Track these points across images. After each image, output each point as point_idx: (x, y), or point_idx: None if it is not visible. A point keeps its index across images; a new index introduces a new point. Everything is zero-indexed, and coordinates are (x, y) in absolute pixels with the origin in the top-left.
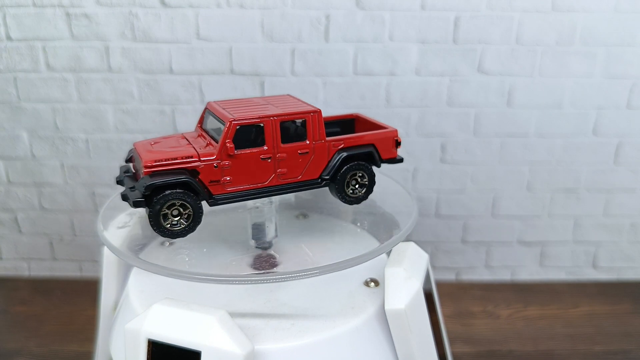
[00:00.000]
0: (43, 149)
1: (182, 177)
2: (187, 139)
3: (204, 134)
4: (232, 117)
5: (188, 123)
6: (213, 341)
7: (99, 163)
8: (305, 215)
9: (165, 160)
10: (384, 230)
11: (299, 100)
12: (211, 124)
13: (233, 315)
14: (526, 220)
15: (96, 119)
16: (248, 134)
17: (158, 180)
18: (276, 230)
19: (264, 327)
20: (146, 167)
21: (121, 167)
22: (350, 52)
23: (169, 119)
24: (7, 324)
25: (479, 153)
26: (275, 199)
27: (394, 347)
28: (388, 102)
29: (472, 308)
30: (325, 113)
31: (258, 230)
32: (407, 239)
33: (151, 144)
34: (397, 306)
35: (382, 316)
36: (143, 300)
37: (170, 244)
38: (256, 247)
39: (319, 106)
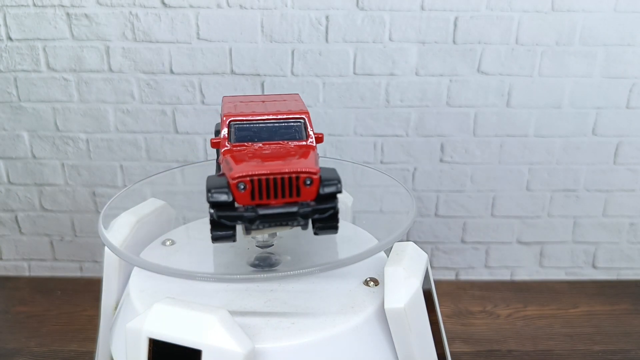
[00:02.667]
0: (43, 149)
1: None
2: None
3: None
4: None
5: (188, 123)
6: (214, 340)
7: (100, 163)
8: None
9: None
10: (384, 229)
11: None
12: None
13: (233, 314)
14: (525, 220)
15: (97, 119)
16: None
17: None
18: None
19: (264, 326)
20: None
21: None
22: (350, 53)
23: (169, 119)
24: (8, 324)
25: (478, 153)
26: None
27: (394, 346)
28: (388, 102)
29: (472, 308)
30: (325, 113)
31: None
32: (407, 239)
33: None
34: (396, 305)
35: (382, 315)
36: (144, 299)
37: (171, 243)
38: (256, 247)
39: (319, 106)
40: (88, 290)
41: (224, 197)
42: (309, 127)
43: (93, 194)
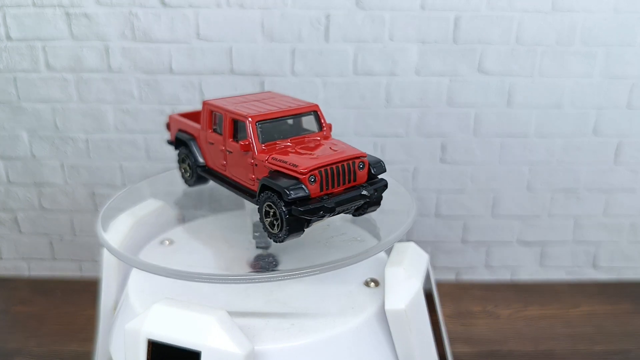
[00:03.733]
0: (43, 149)
1: None
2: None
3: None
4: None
5: None
6: (213, 341)
7: (99, 163)
8: None
9: None
10: (384, 229)
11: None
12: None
13: (233, 315)
14: (526, 220)
15: (96, 119)
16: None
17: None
18: None
19: (264, 327)
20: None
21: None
22: (350, 52)
23: None
24: (7, 324)
25: (478, 153)
26: None
27: (394, 347)
28: (388, 102)
29: (472, 308)
30: (325, 112)
31: (257, 230)
32: (407, 239)
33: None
34: (397, 306)
35: (382, 316)
36: (143, 300)
37: (170, 243)
38: (256, 247)
39: (319, 106)
40: (87, 290)
41: (302, 193)
42: (321, 119)
43: (92, 193)
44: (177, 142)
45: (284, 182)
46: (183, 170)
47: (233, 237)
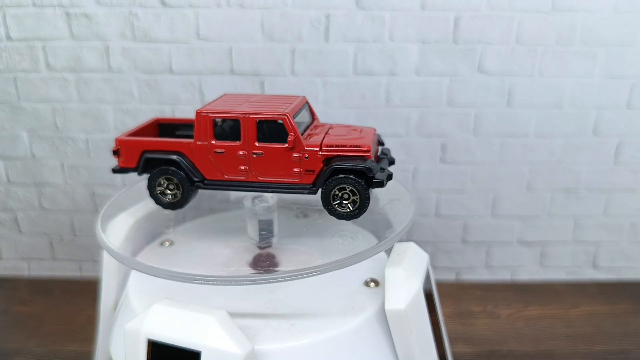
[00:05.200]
0: (43, 149)
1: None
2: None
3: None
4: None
5: None
6: (213, 341)
7: (99, 163)
8: (305, 215)
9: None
10: (384, 229)
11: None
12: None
13: (233, 315)
14: (526, 220)
15: (96, 119)
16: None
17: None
18: (275, 229)
19: (264, 327)
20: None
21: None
22: (350, 52)
23: None
24: (7, 324)
25: (479, 153)
26: (275, 198)
27: (394, 347)
28: (388, 102)
29: (472, 308)
30: (325, 112)
31: (257, 230)
32: (407, 239)
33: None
34: (397, 306)
35: (382, 316)
36: (143, 300)
37: (170, 243)
38: (256, 247)
39: (319, 106)
40: (87, 290)
41: (377, 168)
42: (311, 109)
43: (92, 193)
44: (146, 165)
45: (368, 162)
46: (163, 195)
47: (233, 237)
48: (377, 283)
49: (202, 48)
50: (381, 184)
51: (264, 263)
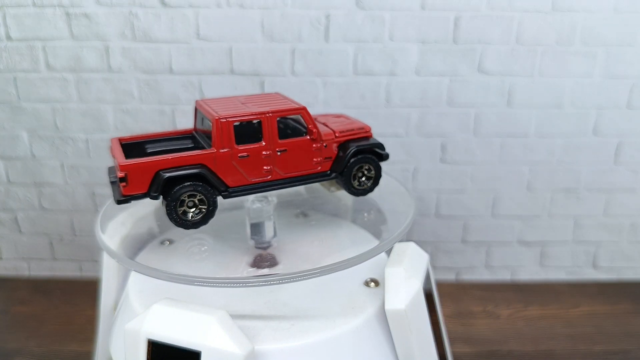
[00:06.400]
0: (43, 149)
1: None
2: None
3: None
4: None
5: (188, 123)
6: (213, 341)
7: (99, 163)
8: (305, 215)
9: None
10: (384, 229)
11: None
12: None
13: (233, 315)
14: (526, 220)
15: (96, 119)
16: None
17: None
18: (275, 229)
19: (264, 328)
20: None
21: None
22: (350, 52)
23: (169, 119)
24: (7, 324)
25: (479, 153)
26: (274, 197)
27: (394, 347)
28: (388, 102)
29: (472, 308)
30: (326, 112)
31: (256, 230)
32: (407, 239)
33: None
34: (397, 306)
35: (382, 316)
36: (143, 300)
37: (170, 243)
38: (256, 247)
39: (319, 106)
40: (87, 290)
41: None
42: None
43: (92, 193)
44: (168, 186)
45: (372, 141)
46: (185, 215)
47: (233, 237)
48: (377, 283)
49: (202, 48)
50: (387, 157)
51: (264, 263)
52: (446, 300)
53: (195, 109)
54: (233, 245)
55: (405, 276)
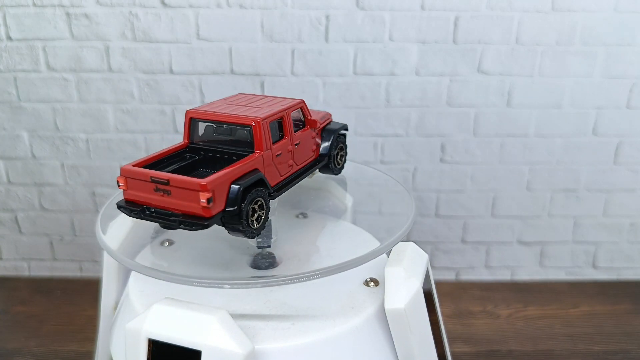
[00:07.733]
0: (43, 149)
1: None
2: None
3: None
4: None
5: None
6: (213, 340)
7: (99, 163)
8: (305, 215)
9: None
10: (383, 229)
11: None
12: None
13: (233, 314)
14: (526, 220)
15: (96, 119)
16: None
17: None
18: (275, 229)
19: (264, 327)
20: None
21: None
22: (350, 52)
23: (169, 119)
24: (7, 324)
25: (478, 153)
26: (276, 201)
27: (394, 346)
28: (388, 102)
29: (472, 308)
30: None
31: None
32: (407, 239)
33: None
34: (396, 306)
35: (382, 316)
36: (143, 299)
37: (170, 243)
38: (256, 247)
39: (319, 106)
40: (88, 290)
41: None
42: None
43: (92, 193)
44: (243, 195)
45: (340, 124)
46: (247, 224)
47: (233, 237)
48: (376, 283)
49: (202, 48)
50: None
51: (264, 263)
52: (446, 300)
53: (190, 120)
54: (233, 245)
55: (405, 276)
